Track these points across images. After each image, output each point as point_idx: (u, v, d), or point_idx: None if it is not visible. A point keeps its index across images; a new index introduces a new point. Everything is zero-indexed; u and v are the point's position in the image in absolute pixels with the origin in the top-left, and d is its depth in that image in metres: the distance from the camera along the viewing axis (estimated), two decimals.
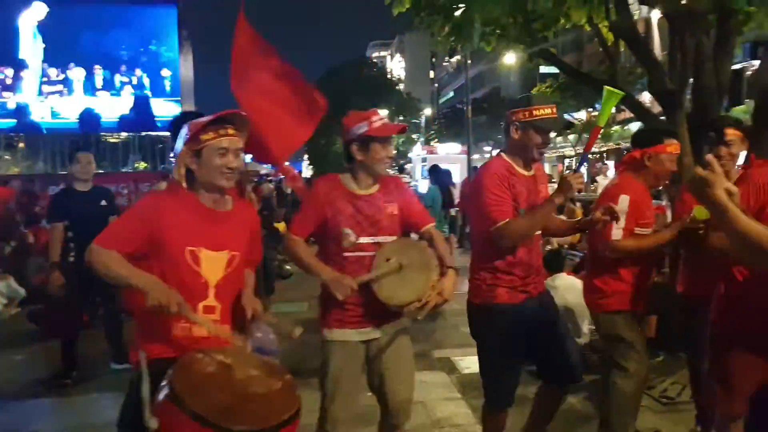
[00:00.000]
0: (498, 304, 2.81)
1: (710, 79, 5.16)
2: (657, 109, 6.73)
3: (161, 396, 1.70)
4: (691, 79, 5.49)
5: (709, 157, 1.75)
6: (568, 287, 5.11)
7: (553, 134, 2.81)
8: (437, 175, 8.10)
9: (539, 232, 2.87)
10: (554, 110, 2.68)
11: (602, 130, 3.33)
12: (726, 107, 10.17)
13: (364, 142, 2.55)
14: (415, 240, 2.74)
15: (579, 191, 2.40)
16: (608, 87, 2.37)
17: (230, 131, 2.05)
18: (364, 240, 2.57)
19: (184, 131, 2.06)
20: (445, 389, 4.43)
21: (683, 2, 4.40)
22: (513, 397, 2.93)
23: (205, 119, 2.05)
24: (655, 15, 14.62)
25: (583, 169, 3.02)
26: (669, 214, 5.20)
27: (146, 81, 18.26)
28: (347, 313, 2.59)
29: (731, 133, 3.06)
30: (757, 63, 6.48)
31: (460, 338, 5.74)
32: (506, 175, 2.68)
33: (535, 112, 2.64)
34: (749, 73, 7.86)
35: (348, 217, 2.56)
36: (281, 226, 8.53)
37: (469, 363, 4.97)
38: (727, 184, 1.65)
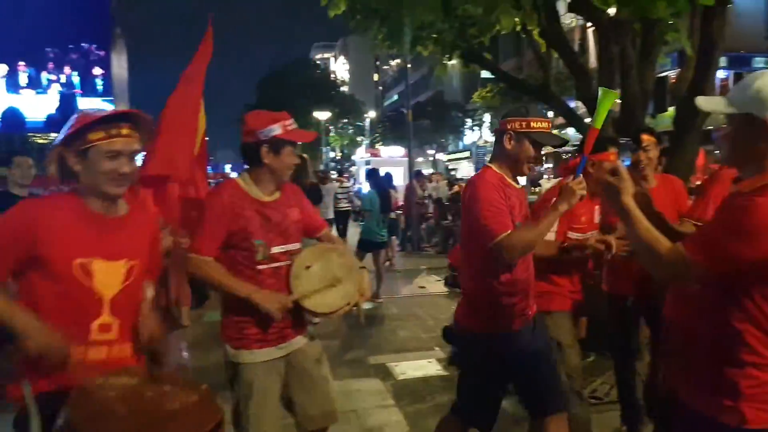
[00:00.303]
0: (501, 334, 2.57)
1: (635, 87, 5.33)
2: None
3: None
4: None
5: (615, 164, 1.79)
6: None
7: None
8: (375, 178, 8.09)
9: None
10: (550, 125, 2.58)
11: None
12: (652, 113, 10.60)
13: (276, 146, 2.41)
14: (330, 244, 2.67)
15: (581, 198, 2.31)
16: (603, 88, 2.29)
17: (124, 131, 1.81)
18: (276, 250, 2.45)
19: (68, 123, 1.80)
20: (379, 396, 4.37)
21: (608, 11, 4.52)
22: (485, 422, 2.72)
23: (95, 114, 1.81)
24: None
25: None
26: None
27: (76, 79, 17.42)
28: (269, 330, 2.45)
29: (647, 139, 3.27)
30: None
31: (397, 343, 5.73)
32: (501, 186, 2.50)
33: (533, 124, 2.50)
34: (672, 80, 8.20)
35: (258, 227, 2.41)
36: None
37: (405, 369, 4.95)
38: (633, 190, 1.72)
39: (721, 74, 24.42)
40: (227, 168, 46.01)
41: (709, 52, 4.63)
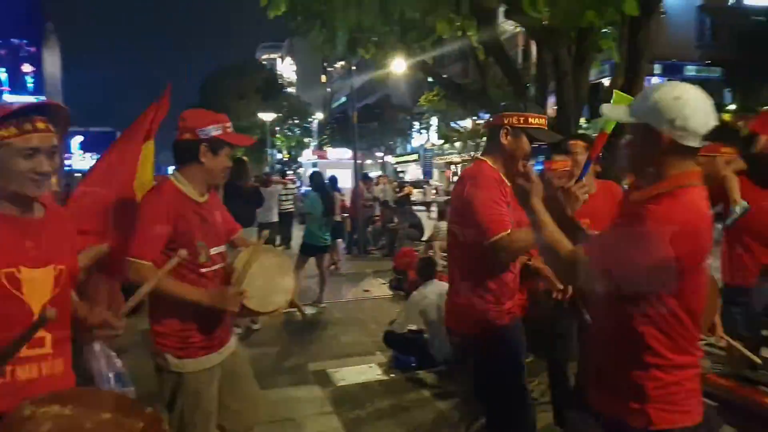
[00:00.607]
0: (505, 333, 2.52)
1: (570, 93, 5.47)
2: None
3: None
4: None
5: (527, 170, 1.86)
6: (440, 294, 5.20)
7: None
8: (318, 181, 8.01)
9: None
10: (546, 121, 2.52)
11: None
12: (588, 119, 10.92)
13: (215, 145, 2.37)
14: (263, 245, 2.63)
15: (585, 202, 2.29)
16: (618, 92, 2.27)
17: (40, 125, 1.62)
18: (214, 251, 2.42)
19: None
20: (318, 404, 4.31)
21: (542, 19, 4.62)
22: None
23: (4, 107, 1.63)
24: None
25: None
26: None
27: (3, 76, 16.61)
28: (213, 335, 2.41)
29: (575, 144, 3.36)
30: None
31: (339, 349, 5.67)
32: (500, 181, 2.44)
33: (531, 120, 2.44)
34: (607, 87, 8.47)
35: (198, 228, 2.37)
36: None
37: (345, 375, 4.90)
38: (543, 194, 1.85)
39: (655, 81, 25.59)
40: (170, 170, 44.71)
41: (636, 60, 4.80)
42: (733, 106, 26.19)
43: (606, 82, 10.35)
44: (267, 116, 32.65)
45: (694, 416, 1.67)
